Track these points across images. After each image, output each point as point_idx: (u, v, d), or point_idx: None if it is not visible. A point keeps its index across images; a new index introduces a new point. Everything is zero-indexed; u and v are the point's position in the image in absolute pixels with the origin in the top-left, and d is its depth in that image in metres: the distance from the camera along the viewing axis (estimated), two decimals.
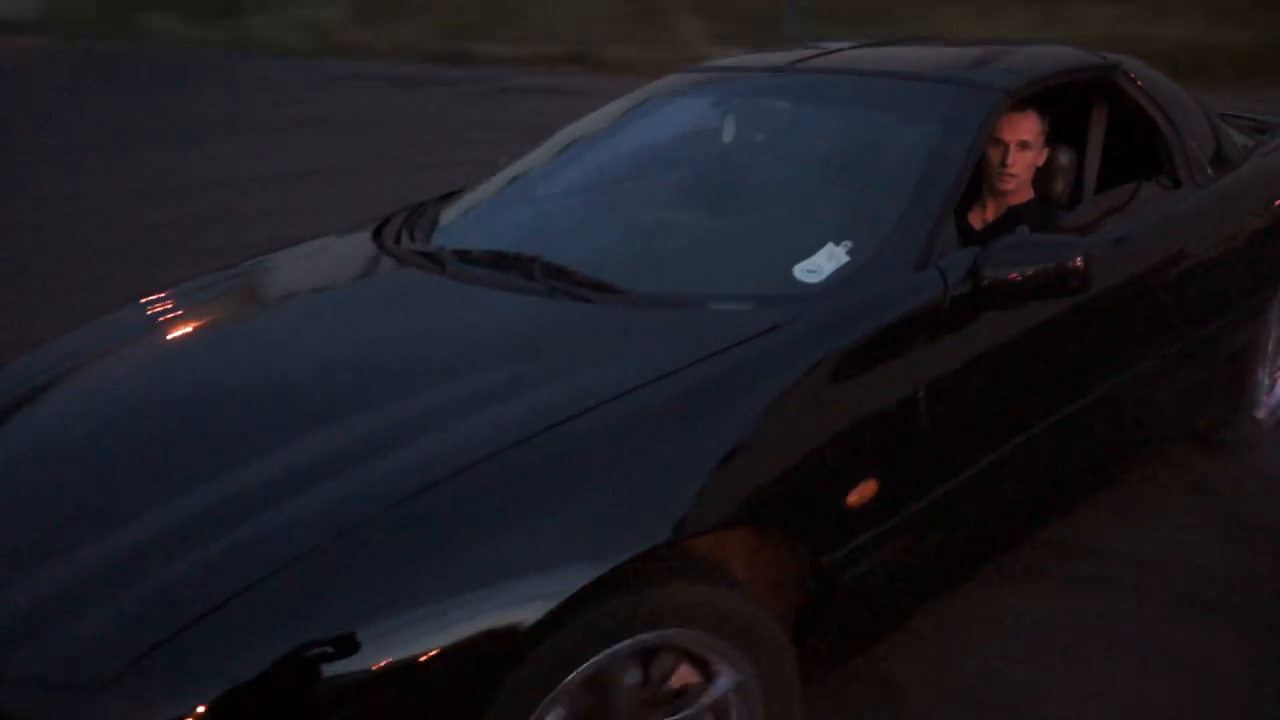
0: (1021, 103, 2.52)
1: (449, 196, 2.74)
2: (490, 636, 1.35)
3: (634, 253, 2.18)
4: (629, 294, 1.93)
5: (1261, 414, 3.17)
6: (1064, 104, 2.73)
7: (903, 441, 1.83)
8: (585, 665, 1.43)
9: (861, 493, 1.75)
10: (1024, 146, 2.56)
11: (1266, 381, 3.17)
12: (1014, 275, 1.90)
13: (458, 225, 2.46)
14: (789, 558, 1.73)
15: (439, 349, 1.85)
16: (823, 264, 1.96)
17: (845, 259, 1.97)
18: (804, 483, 1.68)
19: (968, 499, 1.99)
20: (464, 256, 2.18)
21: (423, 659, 1.31)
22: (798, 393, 1.71)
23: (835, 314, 1.83)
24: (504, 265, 2.10)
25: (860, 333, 1.82)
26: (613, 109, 2.85)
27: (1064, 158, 2.75)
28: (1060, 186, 2.72)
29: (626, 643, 1.46)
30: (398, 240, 2.39)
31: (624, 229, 2.33)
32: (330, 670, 1.28)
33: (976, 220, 2.68)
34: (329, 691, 1.28)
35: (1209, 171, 2.79)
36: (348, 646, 1.29)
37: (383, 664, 1.29)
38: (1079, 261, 1.89)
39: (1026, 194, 2.65)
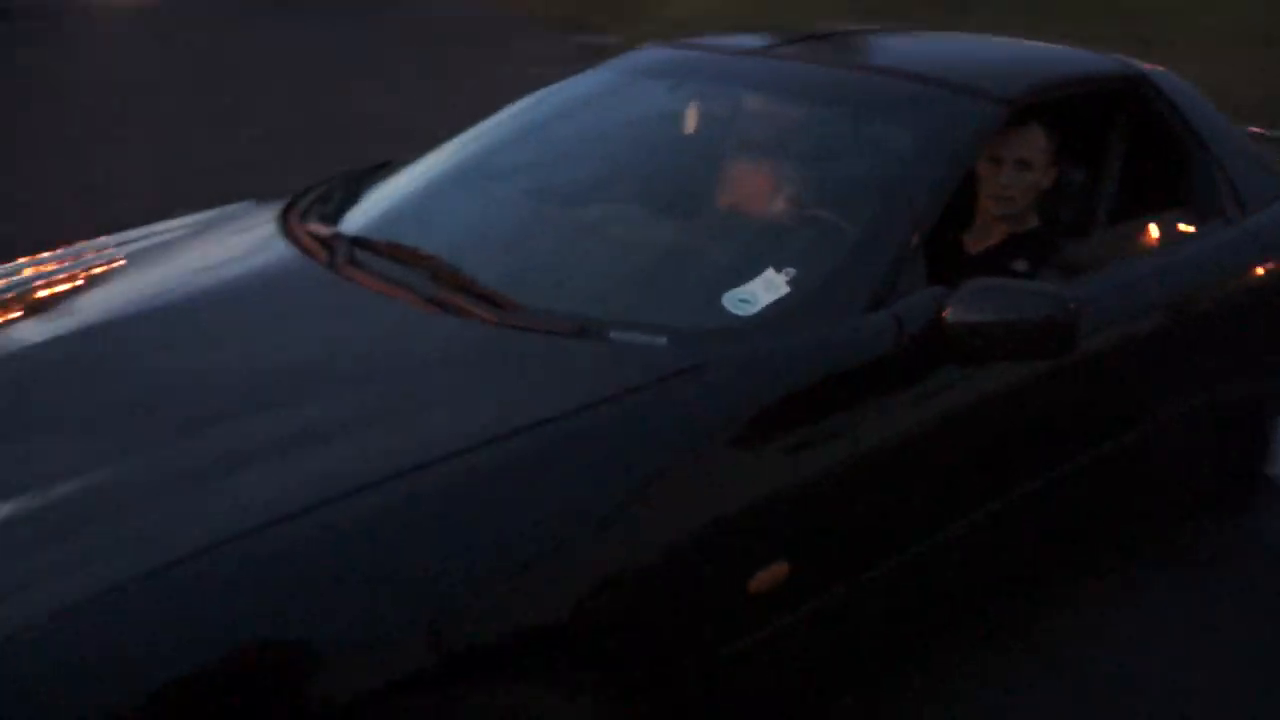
0: (1024, 115, 2.18)
1: (379, 169, 2.44)
2: None
3: (546, 261, 1.87)
4: (524, 312, 1.63)
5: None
6: (1082, 118, 2.39)
7: (825, 519, 1.53)
8: None
9: (771, 576, 1.46)
10: (1024, 166, 2.22)
11: None
12: (979, 328, 1.58)
13: (373, 206, 2.17)
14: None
15: (275, 367, 1.54)
16: (759, 293, 1.65)
17: (785, 290, 1.65)
18: (698, 566, 1.39)
19: (900, 584, 1.69)
20: (361, 245, 1.89)
21: None
22: (703, 455, 1.42)
23: (763, 358, 1.53)
24: (399, 259, 1.81)
25: (790, 385, 1.51)
26: (573, 83, 2.54)
27: (1078, 179, 2.42)
28: (1071, 213, 2.38)
29: None
30: (304, 217, 2.11)
31: (544, 230, 2.01)
32: None
33: (974, 245, 2.35)
34: None
35: (1245, 205, 2.44)
36: None
37: None
38: (1061, 318, 1.58)
39: (1030, 220, 2.31)
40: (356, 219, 2.08)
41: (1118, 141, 2.41)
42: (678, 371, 1.48)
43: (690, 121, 2.30)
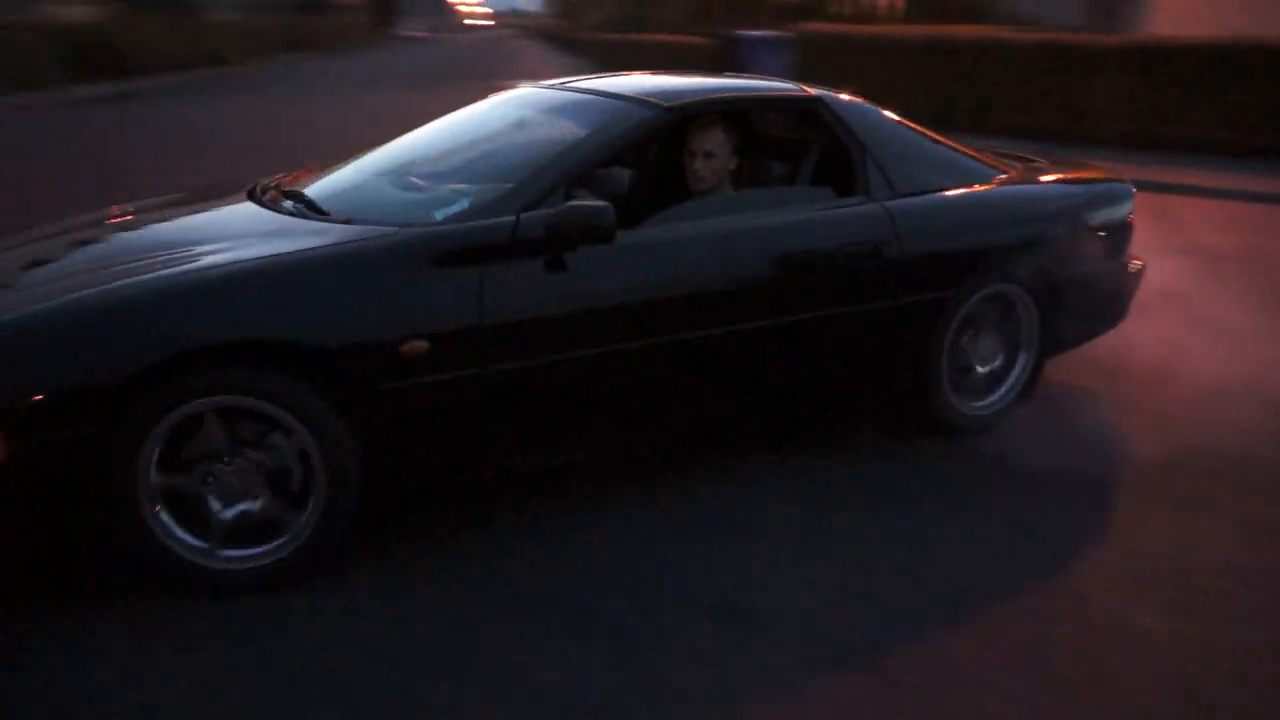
0: (709, 122, 3.37)
1: (325, 166, 3.86)
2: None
3: (362, 198, 3.22)
4: (331, 216, 2.99)
5: (985, 405, 3.79)
6: (779, 125, 3.57)
7: (455, 320, 2.75)
8: (173, 415, 2.48)
9: (413, 345, 2.70)
10: (708, 155, 3.40)
11: (982, 369, 3.77)
12: (552, 222, 2.80)
13: (315, 181, 3.58)
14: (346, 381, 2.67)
15: (211, 233, 3.00)
16: (449, 210, 2.94)
17: (465, 206, 2.93)
18: (367, 330, 2.66)
19: (517, 389, 2.85)
20: (287, 195, 3.30)
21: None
22: (389, 271, 2.70)
23: (434, 234, 2.81)
24: (295, 199, 3.21)
25: (446, 245, 2.78)
26: (473, 108, 3.91)
27: (777, 168, 3.56)
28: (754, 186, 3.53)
29: (196, 404, 2.50)
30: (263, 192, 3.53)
31: (373, 186, 3.37)
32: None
33: None
34: None
35: (895, 189, 3.49)
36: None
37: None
38: (602, 220, 2.77)
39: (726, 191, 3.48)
40: (305, 187, 3.49)
41: (806, 141, 3.56)
42: (389, 236, 2.78)
43: (506, 127, 3.63)
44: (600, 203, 2.84)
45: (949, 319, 3.57)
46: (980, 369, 3.79)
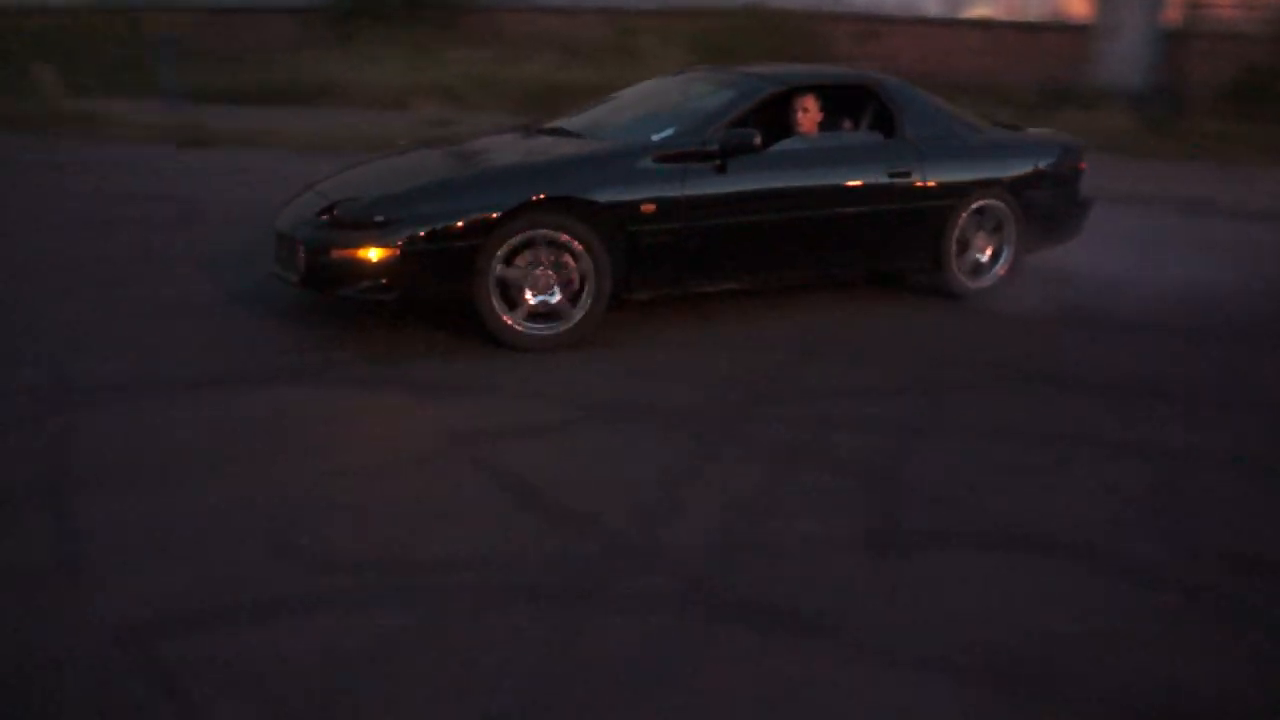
0: (803, 91, 5.50)
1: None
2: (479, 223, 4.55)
3: (603, 130, 5.37)
4: (585, 139, 5.17)
5: (980, 282, 5.85)
6: (849, 98, 5.69)
7: (668, 193, 4.86)
8: (515, 238, 4.59)
9: (647, 206, 4.81)
10: (805, 110, 5.52)
11: (980, 258, 5.83)
12: (724, 139, 4.93)
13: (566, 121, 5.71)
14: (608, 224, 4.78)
15: (523, 146, 5.18)
16: (662, 135, 5.07)
17: (671, 133, 5.06)
18: (623, 194, 4.77)
19: (703, 239, 4.95)
20: (549, 131, 5.45)
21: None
22: (634, 161, 4.84)
23: (656, 143, 4.95)
24: (556, 133, 5.37)
25: (663, 151, 4.92)
26: (661, 80, 6.07)
27: (846, 120, 5.69)
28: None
29: (526, 233, 4.60)
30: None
31: (607, 122, 5.51)
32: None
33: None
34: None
35: (917, 135, 5.59)
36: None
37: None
38: (755, 136, 4.90)
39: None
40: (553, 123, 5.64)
41: (865, 103, 5.68)
42: (634, 144, 4.93)
43: (686, 90, 5.77)
44: (752, 129, 4.97)
45: (954, 219, 5.65)
46: (979, 257, 5.85)
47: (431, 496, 3.32)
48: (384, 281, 4.49)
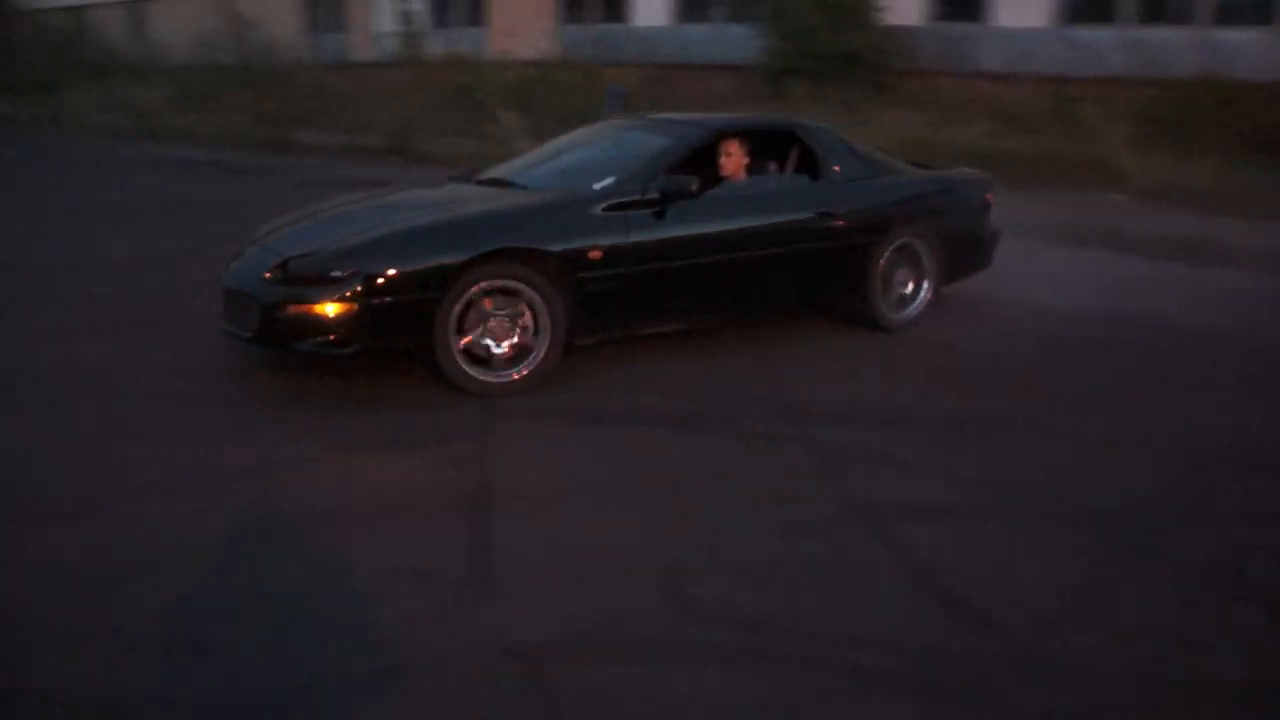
0: (731, 136, 5.74)
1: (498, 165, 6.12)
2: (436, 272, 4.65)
3: (542, 179, 5.53)
4: (528, 189, 5.31)
5: (905, 313, 6.15)
6: (773, 141, 5.96)
7: (612, 240, 5.02)
8: (474, 289, 4.70)
9: (594, 253, 4.97)
10: (729, 155, 5.77)
11: (903, 292, 6.14)
12: (662, 187, 5.14)
13: (501, 172, 5.84)
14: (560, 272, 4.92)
15: (464, 196, 5.29)
16: (603, 183, 5.24)
17: (612, 181, 5.24)
18: (571, 242, 4.92)
19: (646, 283, 5.13)
20: (489, 181, 5.57)
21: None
22: (579, 211, 5.00)
23: (598, 193, 5.12)
24: (496, 183, 5.51)
25: (606, 199, 5.09)
26: (589, 129, 6.24)
27: (771, 163, 5.95)
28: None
29: (484, 284, 4.72)
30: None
31: (544, 173, 5.67)
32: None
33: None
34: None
35: (838, 176, 5.88)
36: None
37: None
38: (693, 183, 5.12)
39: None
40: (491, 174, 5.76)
41: (789, 147, 5.95)
42: (577, 194, 5.09)
43: (617, 139, 5.96)
44: (690, 176, 5.18)
45: (877, 256, 5.95)
46: (903, 291, 6.16)
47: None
48: (339, 336, 4.54)
